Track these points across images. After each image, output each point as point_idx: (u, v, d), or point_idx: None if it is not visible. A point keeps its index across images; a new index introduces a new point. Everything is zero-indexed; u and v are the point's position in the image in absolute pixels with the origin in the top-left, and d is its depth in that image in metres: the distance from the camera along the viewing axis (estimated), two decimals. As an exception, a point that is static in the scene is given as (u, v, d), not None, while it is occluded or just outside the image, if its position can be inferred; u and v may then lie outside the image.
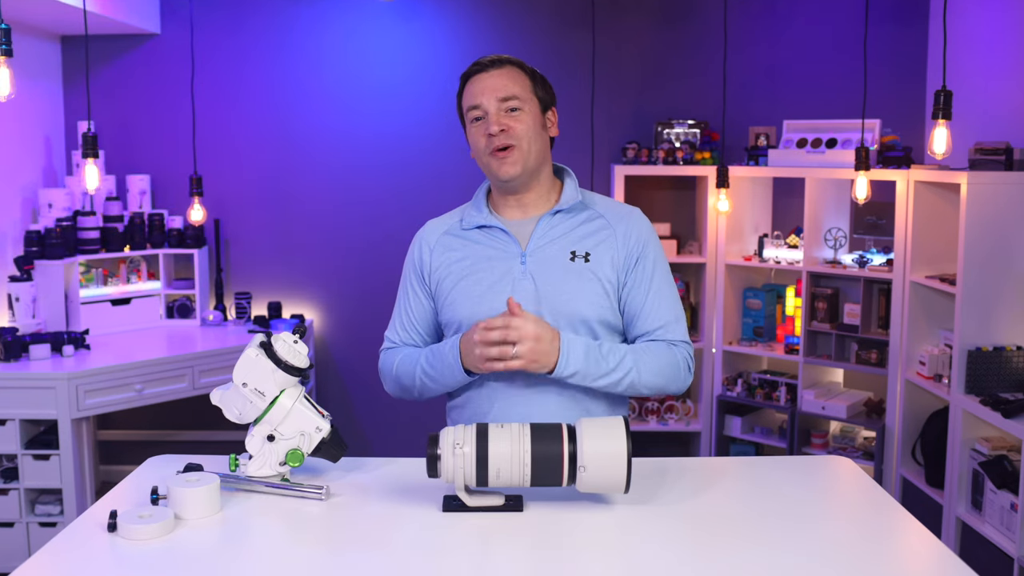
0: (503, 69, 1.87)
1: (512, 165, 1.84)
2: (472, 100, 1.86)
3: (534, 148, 1.86)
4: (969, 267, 3.20)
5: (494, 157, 1.84)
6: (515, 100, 1.84)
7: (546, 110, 1.91)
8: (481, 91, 1.85)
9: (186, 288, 4.19)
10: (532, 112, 1.86)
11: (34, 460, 3.29)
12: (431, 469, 1.57)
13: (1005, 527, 3.00)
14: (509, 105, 1.84)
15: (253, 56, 4.31)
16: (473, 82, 1.87)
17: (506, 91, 1.84)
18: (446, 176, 4.32)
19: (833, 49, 4.23)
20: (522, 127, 1.84)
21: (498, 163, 1.84)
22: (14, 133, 3.86)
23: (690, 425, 4.22)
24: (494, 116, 1.83)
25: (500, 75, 1.86)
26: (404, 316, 1.97)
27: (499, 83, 1.85)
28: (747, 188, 4.18)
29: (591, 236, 1.88)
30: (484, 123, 1.85)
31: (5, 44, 2.64)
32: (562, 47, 4.27)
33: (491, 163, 1.85)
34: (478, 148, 1.87)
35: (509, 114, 1.84)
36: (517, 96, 1.85)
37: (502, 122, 1.83)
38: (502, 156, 1.84)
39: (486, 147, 1.85)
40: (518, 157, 1.84)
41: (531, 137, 1.85)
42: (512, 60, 1.90)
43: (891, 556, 1.49)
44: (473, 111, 1.86)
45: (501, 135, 1.83)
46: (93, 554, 1.45)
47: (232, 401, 1.70)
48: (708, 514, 1.61)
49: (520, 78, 1.87)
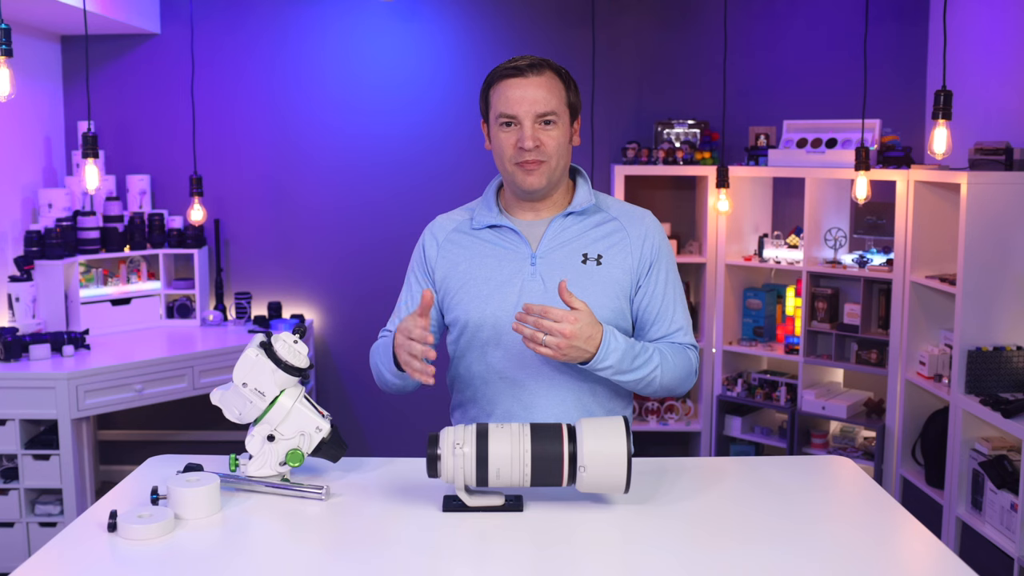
0: (542, 77, 1.80)
1: (539, 178, 1.82)
2: (507, 108, 1.80)
3: (561, 162, 1.84)
4: (969, 267, 3.20)
5: (520, 168, 1.82)
6: (552, 115, 1.79)
7: (574, 119, 1.87)
8: (519, 101, 1.79)
9: (186, 288, 4.19)
10: (564, 125, 1.83)
11: (34, 460, 3.29)
12: (431, 469, 1.56)
13: (1005, 527, 3.00)
14: (545, 118, 1.79)
15: (253, 56, 4.31)
16: (509, 86, 1.80)
17: (546, 105, 1.78)
18: (446, 176, 4.31)
19: (833, 49, 4.23)
20: (554, 143, 1.80)
21: (524, 174, 1.82)
22: (14, 133, 3.86)
23: (690, 425, 4.22)
24: (529, 131, 1.78)
25: (539, 85, 1.79)
26: (404, 308, 1.96)
27: (539, 95, 1.78)
28: (747, 188, 4.18)
29: (604, 239, 1.87)
30: (515, 132, 1.80)
31: (5, 44, 2.64)
32: (562, 47, 4.27)
33: (516, 173, 1.83)
34: (503, 154, 1.83)
35: (543, 128, 1.79)
36: (555, 111, 1.79)
37: (536, 137, 1.79)
38: (530, 168, 1.81)
39: (513, 156, 1.81)
40: (545, 170, 1.82)
41: (560, 152, 1.82)
42: (551, 65, 1.83)
43: (891, 556, 1.49)
44: (505, 117, 1.81)
45: (535, 151, 1.79)
46: (93, 554, 1.45)
47: (232, 401, 1.70)
48: (708, 514, 1.61)
49: (557, 87, 1.81)
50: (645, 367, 1.78)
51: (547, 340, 1.66)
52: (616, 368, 1.74)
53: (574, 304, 1.68)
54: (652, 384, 1.81)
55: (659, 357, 1.80)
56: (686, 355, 1.87)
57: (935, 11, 4.10)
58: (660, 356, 1.81)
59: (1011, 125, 3.53)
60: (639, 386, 1.81)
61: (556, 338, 1.66)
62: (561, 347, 1.66)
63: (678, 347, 1.87)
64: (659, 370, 1.80)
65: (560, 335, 1.65)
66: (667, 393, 1.87)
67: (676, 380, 1.84)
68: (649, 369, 1.79)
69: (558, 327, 1.65)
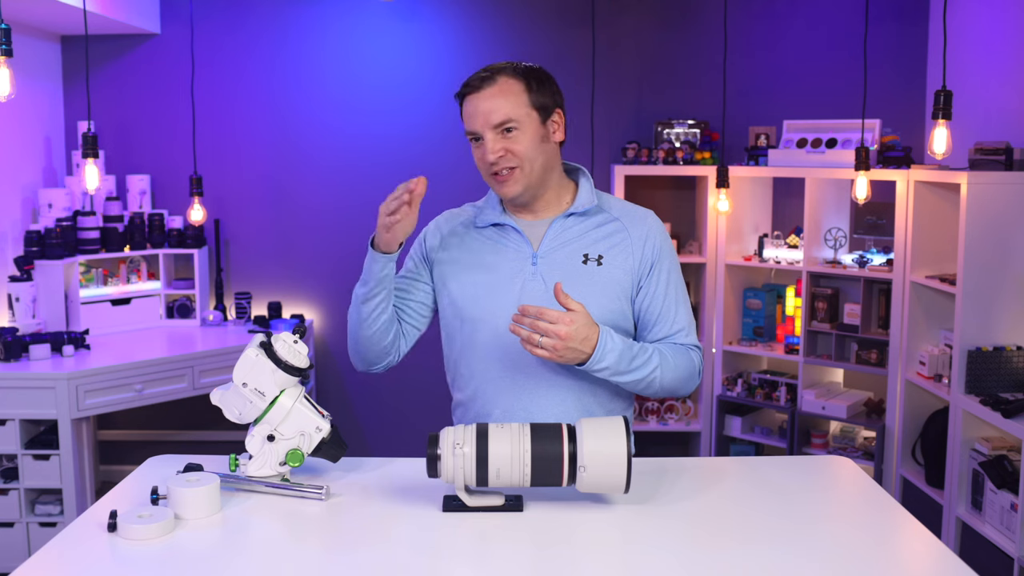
0: (495, 86, 1.78)
1: (513, 185, 1.82)
2: (468, 124, 1.81)
3: (536, 165, 1.82)
4: (969, 267, 3.20)
5: (494, 178, 1.82)
6: (510, 122, 1.78)
7: (547, 118, 1.84)
8: (474, 116, 1.79)
9: (186, 288, 4.18)
10: (531, 128, 1.80)
11: (34, 460, 3.29)
12: (431, 469, 1.56)
13: (1005, 527, 3.00)
14: (504, 127, 1.78)
15: (253, 56, 4.31)
16: (468, 103, 1.81)
17: (499, 115, 1.77)
18: (446, 176, 4.31)
19: (833, 49, 4.23)
20: (521, 147, 1.79)
21: (499, 184, 1.83)
22: (14, 133, 3.86)
23: (690, 425, 4.22)
24: (490, 143, 1.78)
25: (492, 95, 1.78)
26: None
27: (491, 106, 1.77)
28: (747, 188, 4.18)
29: (605, 239, 1.87)
30: (481, 146, 1.81)
31: (5, 44, 2.64)
32: (562, 47, 4.27)
33: (493, 183, 1.84)
34: (480, 168, 1.85)
35: (505, 136, 1.79)
36: (511, 118, 1.78)
37: (499, 148, 1.79)
38: (502, 179, 1.81)
39: (486, 169, 1.83)
40: (519, 177, 1.81)
41: (532, 156, 1.80)
42: (504, 69, 1.80)
43: (891, 556, 1.49)
44: (469, 134, 1.82)
45: (500, 160, 1.79)
46: (93, 554, 1.45)
47: (232, 401, 1.70)
48: (708, 514, 1.61)
49: (514, 92, 1.78)
50: (643, 368, 1.77)
51: (543, 341, 1.66)
52: (613, 369, 1.74)
53: (570, 305, 1.68)
54: (652, 385, 1.80)
55: (659, 358, 1.80)
56: (688, 356, 1.86)
57: (935, 11, 4.10)
58: (660, 357, 1.80)
59: (1011, 125, 3.53)
60: (639, 387, 1.80)
61: (552, 339, 1.66)
62: (557, 348, 1.67)
63: (680, 348, 1.86)
64: (659, 371, 1.79)
65: (555, 336, 1.66)
66: (669, 394, 1.86)
67: (678, 381, 1.84)
68: (648, 371, 1.78)
69: (553, 328, 1.65)
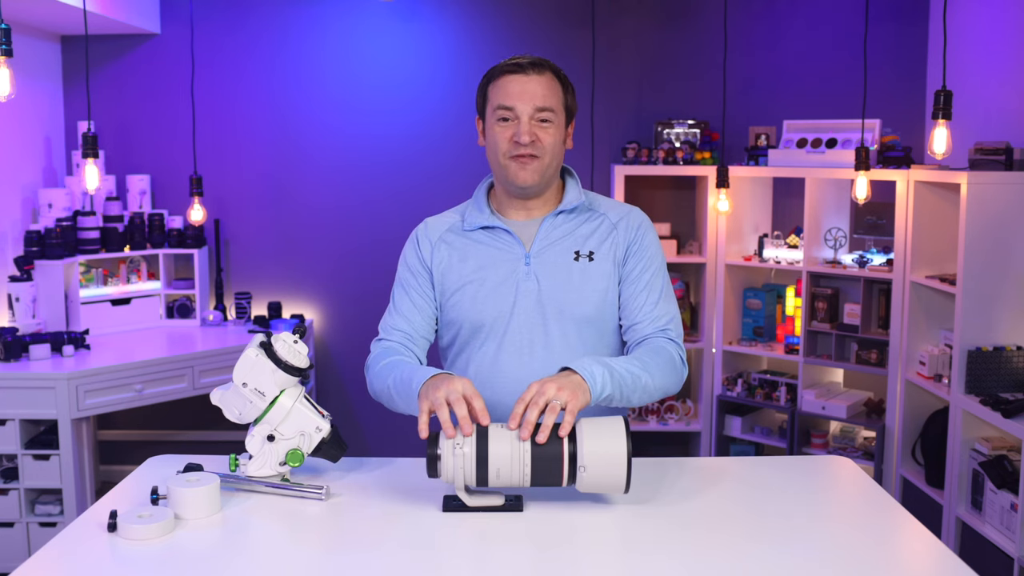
0: (544, 76, 1.83)
1: (532, 174, 1.82)
2: (505, 100, 1.82)
3: (554, 161, 1.85)
4: (969, 267, 3.20)
5: (515, 161, 1.82)
6: (549, 112, 1.82)
7: (569, 123, 1.89)
8: (519, 94, 1.81)
9: (186, 288, 4.18)
10: (560, 126, 1.85)
11: (34, 460, 3.29)
12: (431, 469, 1.56)
13: (1005, 527, 3.00)
14: (543, 116, 1.81)
15: (253, 56, 4.31)
16: (509, 81, 1.82)
17: (544, 101, 1.81)
18: (446, 176, 4.31)
19: (833, 49, 4.23)
20: (550, 140, 1.82)
21: (518, 168, 1.82)
22: (14, 133, 3.86)
23: (690, 425, 4.22)
24: (526, 124, 1.80)
25: (540, 82, 1.82)
26: (403, 305, 1.92)
27: (539, 91, 1.81)
28: (747, 188, 4.18)
29: (593, 235, 1.89)
30: (512, 126, 1.81)
31: (5, 44, 2.64)
32: (562, 47, 4.27)
33: (510, 167, 1.83)
34: (498, 148, 1.84)
35: (540, 124, 1.82)
36: (552, 108, 1.82)
37: (533, 132, 1.81)
38: (524, 163, 1.81)
39: (509, 150, 1.82)
40: (539, 167, 1.83)
41: (554, 151, 1.84)
42: (552, 66, 1.86)
43: (891, 556, 1.49)
44: (503, 111, 1.82)
45: (530, 145, 1.81)
46: (93, 554, 1.45)
47: (232, 401, 1.70)
48: (708, 514, 1.61)
49: (556, 88, 1.84)
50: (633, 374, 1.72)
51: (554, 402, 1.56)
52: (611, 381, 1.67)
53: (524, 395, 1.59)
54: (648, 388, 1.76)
55: (638, 363, 1.75)
56: (667, 350, 1.82)
57: (935, 11, 4.10)
58: (639, 362, 1.75)
59: (1011, 125, 3.53)
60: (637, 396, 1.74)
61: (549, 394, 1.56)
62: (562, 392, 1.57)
63: (653, 345, 1.82)
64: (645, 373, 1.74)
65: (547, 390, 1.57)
66: (664, 393, 1.85)
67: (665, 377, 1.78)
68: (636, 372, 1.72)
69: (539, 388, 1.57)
